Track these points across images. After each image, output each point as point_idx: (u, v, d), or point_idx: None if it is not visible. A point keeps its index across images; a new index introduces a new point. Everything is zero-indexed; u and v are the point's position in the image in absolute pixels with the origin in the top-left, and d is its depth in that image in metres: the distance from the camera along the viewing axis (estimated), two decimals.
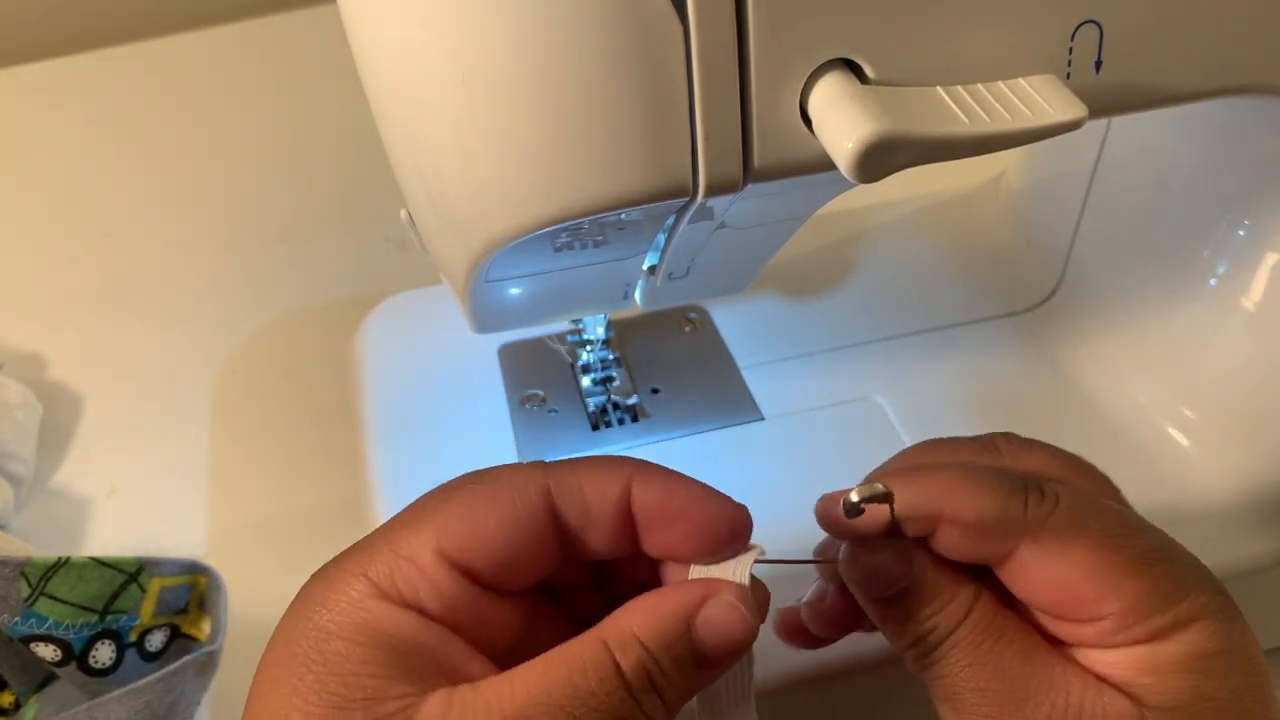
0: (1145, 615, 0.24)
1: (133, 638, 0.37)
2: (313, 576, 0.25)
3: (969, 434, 0.40)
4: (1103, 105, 0.28)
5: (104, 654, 0.36)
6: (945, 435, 0.40)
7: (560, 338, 0.44)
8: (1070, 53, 0.27)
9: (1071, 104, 0.26)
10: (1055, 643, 0.26)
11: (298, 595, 0.24)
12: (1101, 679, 0.24)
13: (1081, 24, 0.27)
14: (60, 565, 0.36)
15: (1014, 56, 0.27)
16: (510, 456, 0.40)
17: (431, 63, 0.26)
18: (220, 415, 0.52)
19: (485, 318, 0.35)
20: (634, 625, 0.23)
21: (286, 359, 0.55)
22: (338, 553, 0.25)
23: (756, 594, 0.25)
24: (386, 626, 0.23)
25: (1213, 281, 0.39)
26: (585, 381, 0.42)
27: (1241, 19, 0.29)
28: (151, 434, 0.52)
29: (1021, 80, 0.26)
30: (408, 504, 0.26)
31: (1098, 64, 0.28)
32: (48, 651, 0.36)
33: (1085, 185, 0.43)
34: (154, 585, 0.38)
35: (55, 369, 0.55)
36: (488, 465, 0.40)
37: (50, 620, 0.36)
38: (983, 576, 0.26)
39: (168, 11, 0.83)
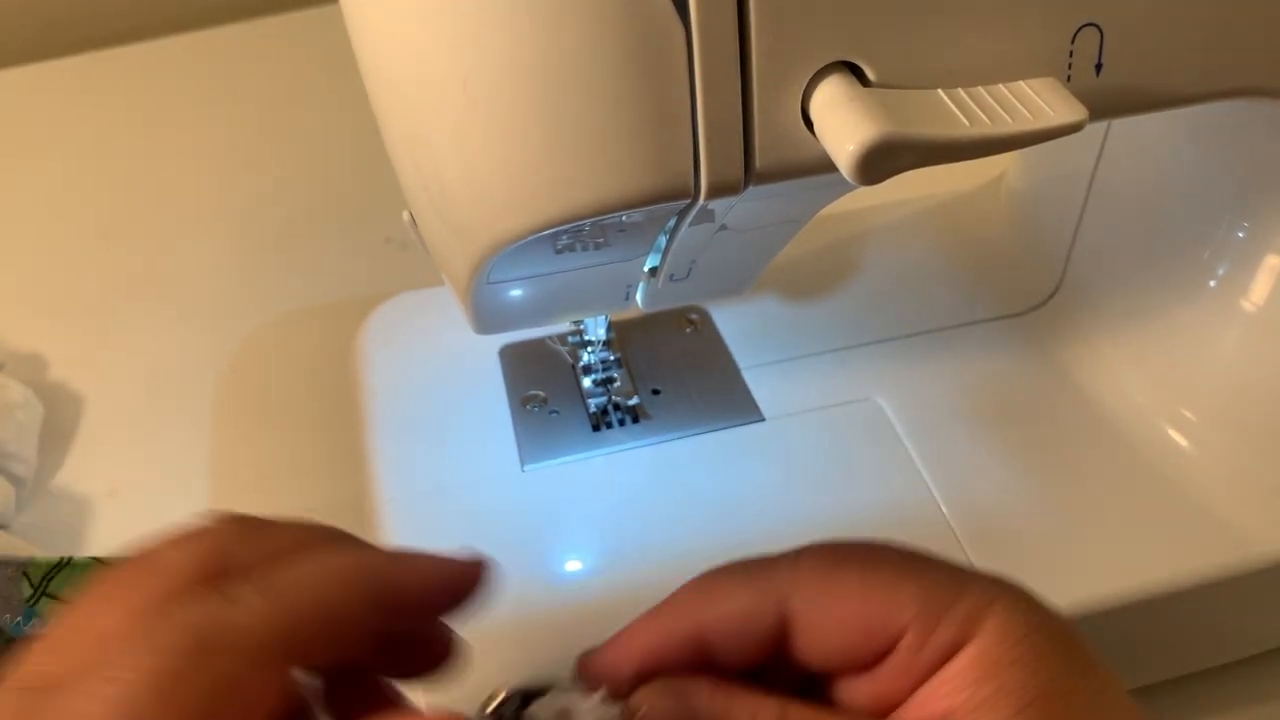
0: (942, 608, 0.23)
1: None
2: None
3: (969, 434, 0.40)
4: (1103, 108, 0.28)
5: None
6: (945, 435, 0.40)
7: (561, 339, 0.44)
8: (1070, 55, 0.27)
9: (1072, 106, 0.26)
10: (887, 710, 0.24)
11: None
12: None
13: (1082, 27, 0.27)
14: (62, 565, 0.36)
15: (1015, 59, 0.27)
16: (511, 457, 0.40)
17: (434, 64, 0.26)
18: (221, 415, 0.52)
19: (486, 319, 0.35)
20: None
21: (287, 359, 0.55)
22: None
23: None
24: None
25: (1212, 283, 0.39)
26: (586, 382, 0.43)
27: (1241, 22, 0.29)
28: (152, 434, 0.52)
29: (1022, 83, 0.26)
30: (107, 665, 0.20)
31: (1098, 67, 0.28)
32: None
33: (1085, 187, 0.43)
34: None
35: (56, 369, 0.55)
36: (488, 466, 0.40)
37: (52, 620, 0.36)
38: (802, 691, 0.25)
39: (168, 12, 0.83)
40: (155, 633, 0.20)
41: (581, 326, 0.42)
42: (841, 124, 0.24)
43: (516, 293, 0.34)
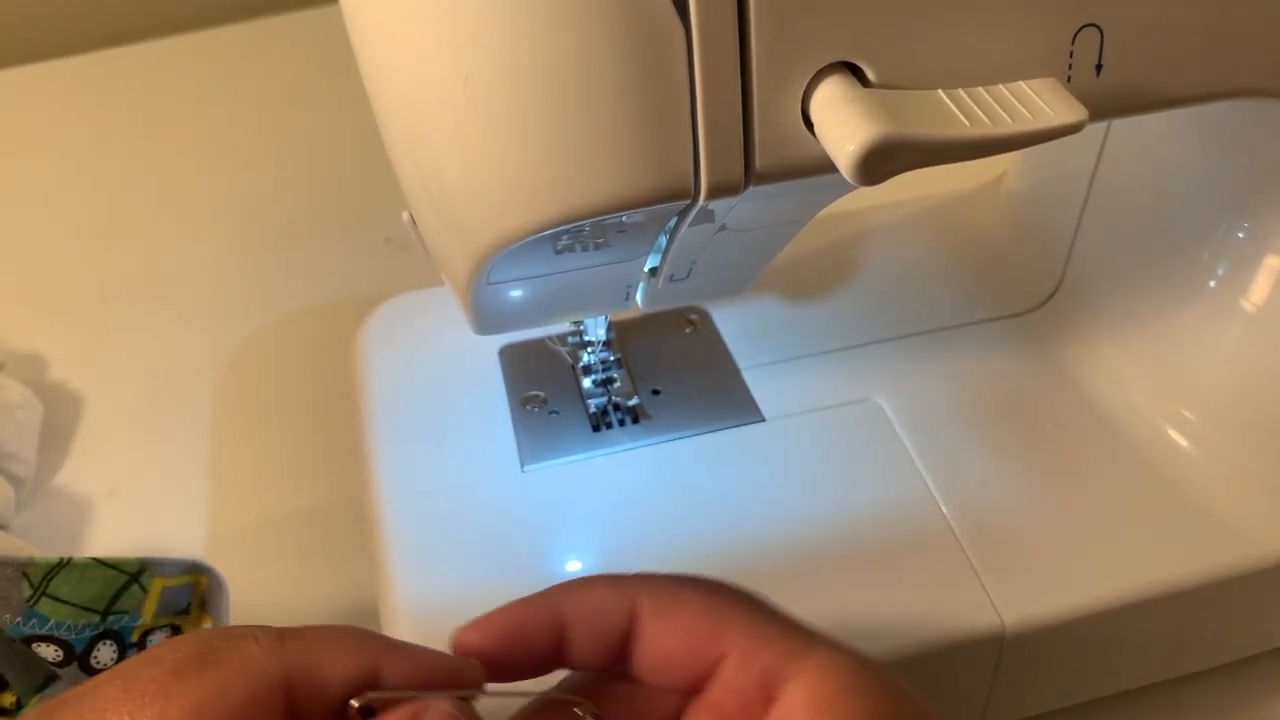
0: (765, 640, 0.24)
1: (134, 638, 0.37)
2: None
3: (969, 434, 0.40)
4: (1103, 108, 0.28)
5: (105, 654, 0.36)
6: (945, 435, 0.40)
7: (561, 339, 0.44)
8: (1071, 56, 0.27)
9: (1072, 107, 0.26)
10: None
11: None
12: None
13: (1082, 27, 0.27)
14: (62, 566, 0.36)
15: (1015, 60, 0.27)
16: (511, 457, 0.40)
17: (434, 64, 0.26)
18: (221, 415, 0.52)
19: (486, 319, 0.35)
20: None
21: (287, 360, 0.55)
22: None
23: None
24: None
25: (1212, 283, 0.39)
26: (586, 383, 0.43)
27: (1241, 22, 0.29)
28: (152, 434, 0.52)
29: (1022, 83, 0.26)
30: (122, 674, 0.22)
31: (1098, 67, 0.28)
32: (49, 652, 0.36)
33: (1085, 187, 0.43)
34: (156, 586, 0.38)
35: (56, 369, 0.55)
36: (488, 466, 0.40)
37: (52, 621, 0.36)
38: None
39: (168, 12, 0.83)
40: (173, 643, 0.23)
41: (581, 327, 0.42)
42: (841, 124, 0.24)
43: (516, 293, 0.34)
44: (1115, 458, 0.39)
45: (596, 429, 0.41)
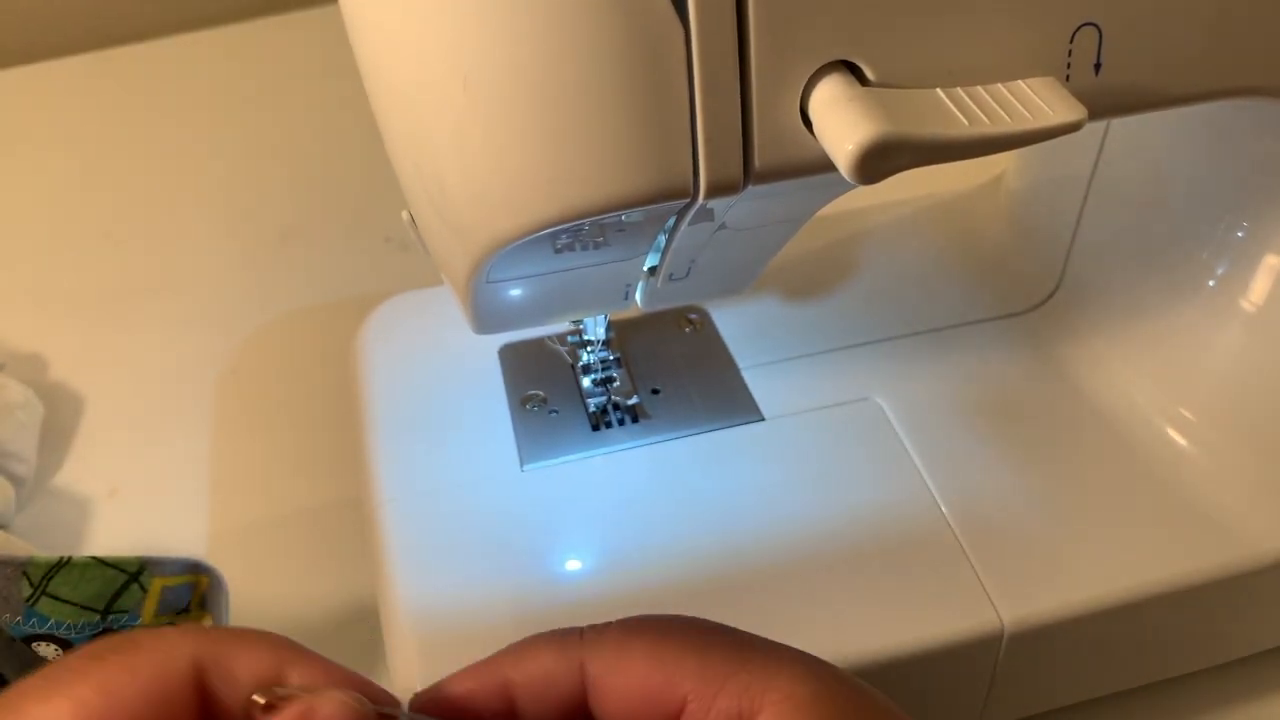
0: (721, 680, 0.24)
1: None
2: None
3: (969, 434, 0.40)
4: (1102, 107, 0.28)
5: None
6: (945, 435, 0.40)
7: (561, 338, 0.45)
8: (1069, 55, 0.27)
9: (1071, 106, 0.26)
10: None
11: None
12: None
13: (1081, 26, 0.27)
14: (62, 565, 0.36)
15: (1013, 58, 0.27)
16: (511, 457, 0.40)
17: (433, 64, 0.26)
18: (221, 415, 0.52)
19: (486, 318, 0.35)
20: None
21: (287, 359, 0.55)
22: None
23: None
24: None
25: (1211, 283, 0.39)
26: (586, 382, 0.43)
27: (1241, 22, 0.29)
28: (152, 434, 0.52)
29: (1021, 82, 0.26)
30: (50, 665, 0.24)
31: (1097, 66, 0.28)
32: (49, 651, 0.36)
33: (1084, 187, 0.43)
34: (155, 585, 0.38)
35: (56, 369, 0.55)
36: (488, 466, 0.40)
37: (52, 620, 0.36)
38: None
39: (168, 12, 0.83)
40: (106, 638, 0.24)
41: (581, 326, 0.42)
42: (840, 123, 0.24)
43: (516, 292, 0.34)
44: (1114, 457, 0.39)
45: (596, 428, 0.41)
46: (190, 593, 0.39)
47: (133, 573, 0.37)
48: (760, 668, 0.24)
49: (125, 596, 0.37)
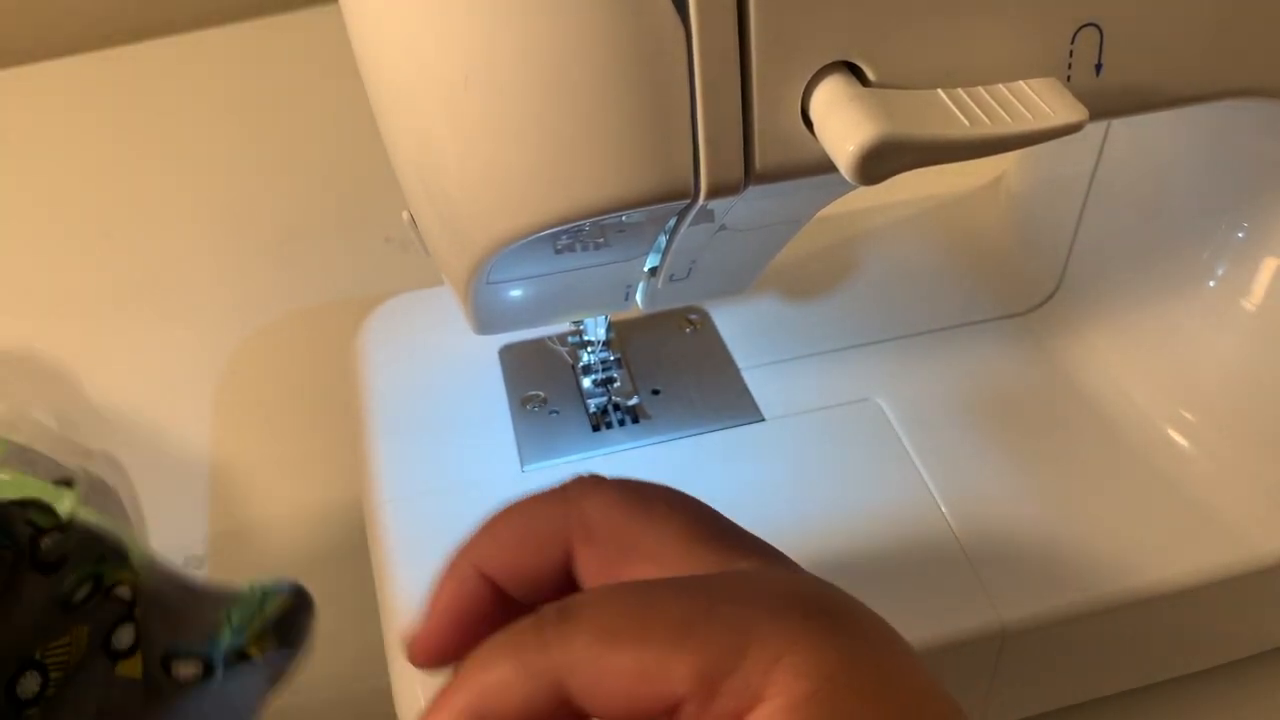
0: (720, 677, 0.22)
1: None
2: None
3: (969, 434, 0.40)
4: (1103, 108, 0.28)
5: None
6: (945, 435, 0.40)
7: (561, 339, 0.44)
8: (1071, 55, 0.27)
9: (1072, 107, 0.26)
10: None
11: None
12: None
13: (1082, 27, 0.27)
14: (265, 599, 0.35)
15: (1015, 59, 0.27)
16: (511, 457, 0.40)
17: (434, 64, 0.26)
18: (221, 416, 0.52)
19: (486, 319, 0.35)
20: None
21: (287, 360, 0.55)
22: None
23: None
24: None
25: (1212, 284, 0.39)
26: (586, 383, 0.43)
27: (1241, 22, 0.29)
28: (152, 434, 0.52)
29: (1022, 83, 0.26)
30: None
31: (1098, 67, 0.28)
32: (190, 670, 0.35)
33: (1085, 187, 0.43)
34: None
35: (56, 369, 0.55)
36: (488, 466, 0.40)
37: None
38: None
39: (168, 12, 0.83)
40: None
41: (581, 327, 0.42)
42: (841, 124, 0.24)
43: (516, 293, 0.34)
44: (1114, 457, 0.39)
45: (596, 429, 0.41)
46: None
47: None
48: (760, 654, 0.22)
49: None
